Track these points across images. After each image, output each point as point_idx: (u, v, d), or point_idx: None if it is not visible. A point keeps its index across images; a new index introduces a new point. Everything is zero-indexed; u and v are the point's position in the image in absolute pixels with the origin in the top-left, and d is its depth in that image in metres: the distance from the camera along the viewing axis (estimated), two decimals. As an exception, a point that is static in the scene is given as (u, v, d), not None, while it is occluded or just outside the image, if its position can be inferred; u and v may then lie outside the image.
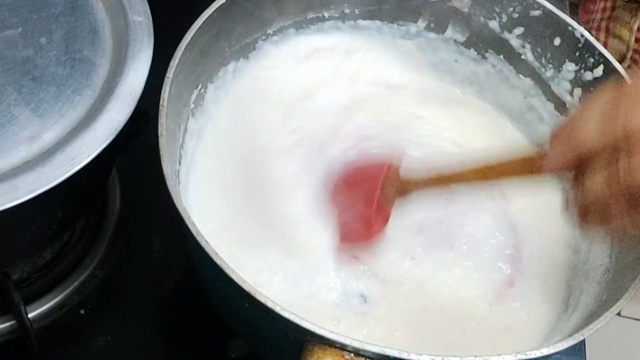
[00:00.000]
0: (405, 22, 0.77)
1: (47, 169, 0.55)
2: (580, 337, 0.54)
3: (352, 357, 0.50)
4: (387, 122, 0.74)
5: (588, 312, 0.61)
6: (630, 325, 1.48)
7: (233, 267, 0.51)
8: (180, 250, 0.76)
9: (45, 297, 0.71)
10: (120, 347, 0.71)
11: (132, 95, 0.60)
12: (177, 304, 0.75)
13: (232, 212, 0.67)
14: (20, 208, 0.53)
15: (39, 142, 0.57)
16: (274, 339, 0.56)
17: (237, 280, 0.51)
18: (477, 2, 0.74)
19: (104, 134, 0.57)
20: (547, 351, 0.52)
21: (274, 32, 0.74)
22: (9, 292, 0.67)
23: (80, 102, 0.59)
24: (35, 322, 0.69)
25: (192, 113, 0.68)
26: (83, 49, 0.62)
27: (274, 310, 0.50)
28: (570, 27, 0.71)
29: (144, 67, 0.61)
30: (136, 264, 0.77)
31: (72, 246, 0.74)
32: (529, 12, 0.73)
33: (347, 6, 0.75)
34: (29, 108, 0.58)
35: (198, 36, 0.64)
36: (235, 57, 0.72)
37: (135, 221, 0.78)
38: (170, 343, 0.72)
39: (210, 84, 0.70)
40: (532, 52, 0.74)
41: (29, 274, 0.72)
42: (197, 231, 0.52)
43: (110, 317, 0.72)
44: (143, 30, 0.64)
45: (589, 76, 0.71)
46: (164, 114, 0.58)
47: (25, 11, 0.64)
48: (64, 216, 0.64)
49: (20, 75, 0.60)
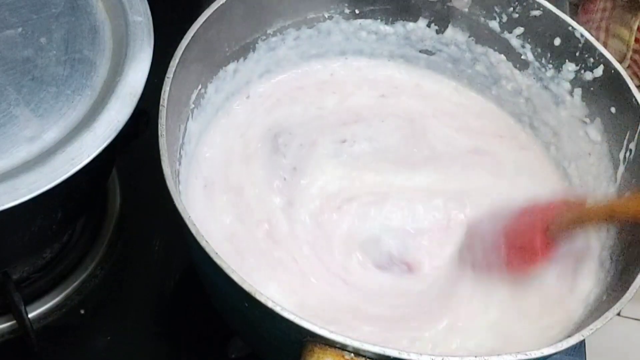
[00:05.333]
0: (405, 22, 0.77)
1: (47, 169, 0.55)
2: (580, 337, 0.54)
3: (352, 357, 0.50)
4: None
5: (588, 312, 0.61)
6: (630, 325, 1.48)
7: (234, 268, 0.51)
8: (180, 250, 0.76)
9: (45, 297, 0.71)
10: (120, 347, 0.71)
11: (132, 95, 0.60)
12: (177, 304, 0.75)
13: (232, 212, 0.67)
14: (20, 208, 0.53)
15: (39, 142, 0.57)
16: (274, 339, 0.56)
17: (237, 280, 0.51)
18: (477, 2, 0.74)
19: (104, 134, 0.57)
20: (547, 351, 0.52)
21: (274, 32, 0.74)
22: (9, 292, 0.67)
23: (80, 102, 0.59)
24: (35, 322, 0.69)
25: (192, 113, 0.68)
26: (83, 49, 0.62)
27: (274, 310, 0.50)
28: (570, 27, 0.71)
29: (144, 67, 0.61)
30: (136, 263, 0.77)
31: (72, 246, 0.74)
32: (529, 12, 0.73)
33: (347, 6, 0.75)
34: (29, 108, 0.58)
35: (198, 36, 0.64)
36: (235, 57, 0.72)
37: (135, 221, 0.78)
38: (170, 343, 0.72)
39: (210, 84, 0.70)
40: (532, 52, 0.74)
41: (29, 274, 0.72)
42: (197, 231, 0.53)
43: (110, 317, 0.72)
44: (143, 30, 0.64)
45: (589, 76, 0.71)
46: (164, 114, 0.58)
47: (25, 11, 0.64)
48: (64, 216, 0.64)
49: (20, 75, 0.60)
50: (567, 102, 0.73)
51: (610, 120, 0.69)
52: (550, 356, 0.53)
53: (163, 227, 0.77)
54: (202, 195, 0.67)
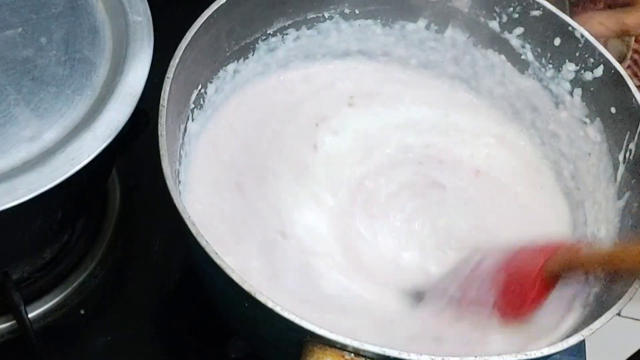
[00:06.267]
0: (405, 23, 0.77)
1: (47, 169, 0.55)
2: (580, 337, 0.54)
3: (352, 357, 0.50)
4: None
5: (588, 312, 0.61)
6: (630, 325, 1.48)
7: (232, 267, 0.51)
8: (180, 250, 0.76)
9: (45, 297, 0.71)
10: (120, 347, 0.71)
11: (132, 95, 0.60)
12: (177, 304, 0.75)
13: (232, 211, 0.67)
14: (20, 208, 0.53)
15: (39, 142, 0.57)
16: (274, 339, 0.56)
17: (237, 280, 0.51)
18: (477, 2, 0.74)
19: (104, 134, 0.57)
20: (547, 351, 0.52)
21: (274, 32, 0.74)
22: (9, 292, 0.67)
23: (80, 102, 0.59)
24: (35, 322, 0.69)
25: (192, 113, 0.68)
26: (83, 49, 0.62)
27: (274, 310, 0.50)
28: (570, 27, 0.71)
29: (144, 67, 0.61)
30: (136, 264, 0.77)
31: (72, 246, 0.74)
32: (529, 12, 0.73)
33: (348, 6, 0.75)
34: (29, 108, 0.58)
35: (198, 36, 0.64)
36: (235, 57, 0.72)
37: (135, 221, 0.78)
38: (170, 343, 0.72)
39: (210, 84, 0.70)
40: (532, 52, 0.74)
41: (29, 274, 0.72)
42: (197, 231, 0.53)
43: (110, 317, 0.72)
44: (143, 30, 0.64)
45: (589, 76, 0.71)
46: (164, 114, 0.58)
47: (25, 11, 0.64)
48: (64, 216, 0.64)
49: (20, 75, 0.60)
50: (567, 102, 0.73)
51: (610, 120, 0.69)
52: (550, 356, 0.53)
53: (163, 227, 0.77)
54: (202, 195, 0.67)
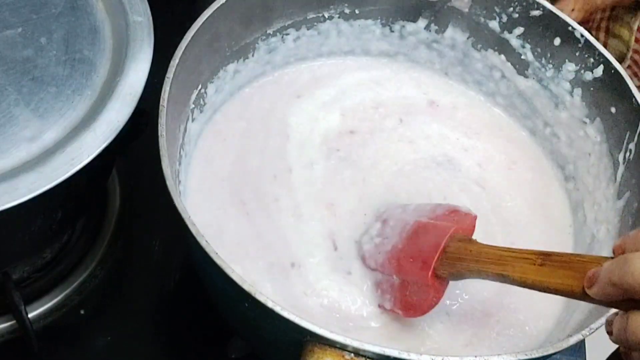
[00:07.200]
0: (405, 23, 0.77)
1: (47, 169, 0.55)
2: (580, 337, 0.54)
3: (352, 357, 0.50)
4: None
5: (588, 312, 0.61)
6: (630, 325, 1.48)
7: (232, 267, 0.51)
8: (180, 250, 0.76)
9: (45, 297, 0.71)
10: (120, 347, 0.71)
11: (132, 95, 0.60)
12: (177, 304, 0.75)
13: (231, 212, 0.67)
14: (20, 208, 0.53)
15: (39, 142, 0.57)
16: (274, 339, 0.56)
17: (237, 280, 0.51)
18: (477, 2, 0.74)
19: (104, 134, 0.57)
20: (547, 351, 0.52)
21: (274, 32, 0.74)
22: (9, 292, 0.67)
23: (80, 102, 0.59)
24: (35, 322, 0.69)
25: (192, 113, 0.68)
26: (83, 49, 0.62)
27: (274, 310, 0.50)
28: (570, 27, 0.71)
29: (144, 67, 0.61)
30: (136, 264, 0.77)
31: (72, 246, 0.74)
32: (529, 12, 0.73)
33: (347, 6, 0.75)
34: (29, 108, 0.58)
35: (198, 36, 0.64)
36: (235, 57, 0.72)
37: (135, 221, 0.78)
38: (170, 343, 0.72)
39: (210, 84, 0.70)
40: (532, 52, 0.74)
41: (29, 274, 0.72)
42: (197, 231, 0.53)
43: (110, 317, 0.72)
44: (143, 30, 0.64)
45: (589, 76, 0.71)
46: (164, 114, 0.58)
47: (25, 11, 0.64)
48: (64, 216, 0.64)
49: (20, 75, 0.60)
50: (567, 102, 0.73)
51: (610, 120, 0.69)
52: (550, 356, 0.53)
53: (163, 227, 0.77)
54: (202, 194, 0.67)
